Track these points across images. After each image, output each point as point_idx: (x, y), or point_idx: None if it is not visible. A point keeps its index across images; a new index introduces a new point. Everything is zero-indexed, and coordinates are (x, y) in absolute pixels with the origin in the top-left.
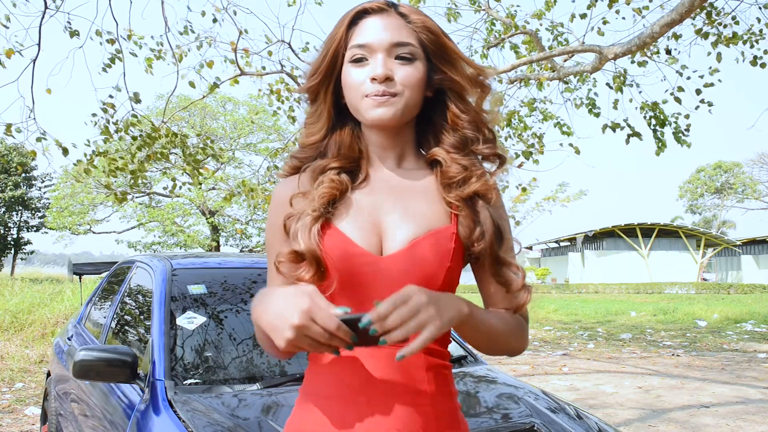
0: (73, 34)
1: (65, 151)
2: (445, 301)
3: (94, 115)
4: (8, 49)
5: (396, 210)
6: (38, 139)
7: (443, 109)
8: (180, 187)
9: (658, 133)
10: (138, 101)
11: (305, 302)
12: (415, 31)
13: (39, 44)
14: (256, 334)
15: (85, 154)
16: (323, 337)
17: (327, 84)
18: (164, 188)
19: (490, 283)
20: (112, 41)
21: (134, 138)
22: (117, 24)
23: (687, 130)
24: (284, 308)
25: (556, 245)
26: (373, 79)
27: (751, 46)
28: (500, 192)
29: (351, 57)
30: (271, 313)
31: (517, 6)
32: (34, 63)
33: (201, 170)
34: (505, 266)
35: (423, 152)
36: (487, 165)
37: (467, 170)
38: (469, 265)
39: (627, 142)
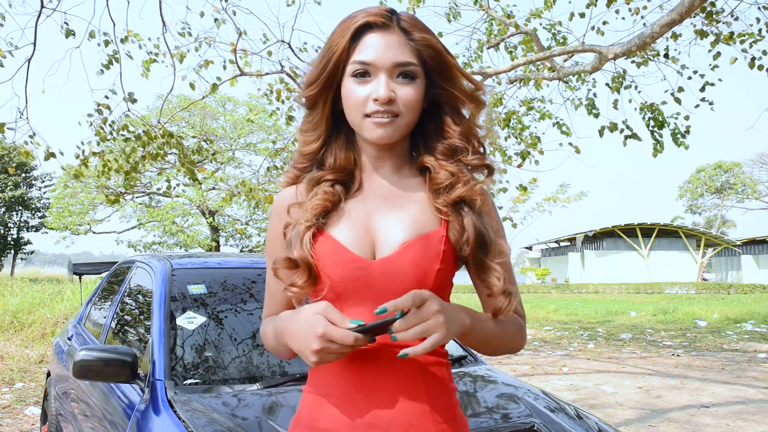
0: (69, 33)
1: (49, 156)
2: (453, 312)
3: (90, 115)
4: None
5: (388, 216)
6: (25, 142)
7: (437, 120)
8: (174, 188)
9: (656, 135)
10: (133, 101)
11: (320, 327)
12: (417, 48)
13: (35, 43)
14: (269, 342)
15: (77, 156)
16: (344, 350)
17: (326, 94)
18: (158, 189)
19: (477, 284)
20: (107, 42)
21: (127, 139)
22: (114, 24)
23: (687, 131)
24: (303, 336)
25: (556, 245)
26: (375, 99)
27: (750, 46)
28: (490, 199)
29: (352, 71)
30: (294, 340)
31: (514, 5)
32: (29, 62)
33: (196, 171)
34: (488, 270)
35: (414, 158)
36: (477, 175)
37: (454, 176)
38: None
39: (624, 144)
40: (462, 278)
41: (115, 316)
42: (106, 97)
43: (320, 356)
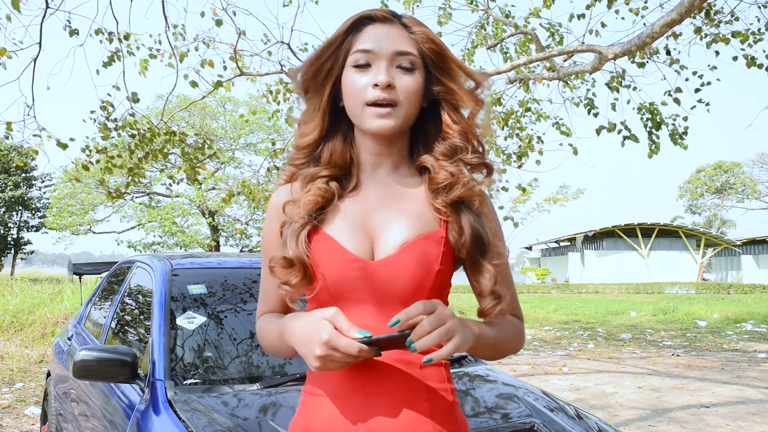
0: (73, 32)
1: (63, 146)
2: (463, 320)
3: (92, 112)
4: (1, 48)
5: (387, 215)
6: (35, 135)
7: (436, 120)
8: (177, 183)
9: (653, 136)
10: (136, 101)
11: (324, 334)
12: (417, 42)
13: (40, 43)
14: (269, 340)
15: (83, 149)
16: (348, 359)
17: (323, 81)
18: (161, 184)
19: (473, 285)
20: (111, 39)
21: (132, 136)
22: (117, 23)
23: (684, 133)
24: (307, 340)
25: (556, 245)
26: (375, 85)
27: (750, 46)
28: (488, 199)
29: (354, 62)
30: (298, 342)
31: (512, 5)
32: (34, 62)
33: (198, 169)
34: (481, 271)
35: (413, 159)
36: (477, 175)
37: (453, 176)
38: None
39: (622, 144)
40: (461, 278)
41: (115, 316)
42: (109, 94)
43: (323, 362)
